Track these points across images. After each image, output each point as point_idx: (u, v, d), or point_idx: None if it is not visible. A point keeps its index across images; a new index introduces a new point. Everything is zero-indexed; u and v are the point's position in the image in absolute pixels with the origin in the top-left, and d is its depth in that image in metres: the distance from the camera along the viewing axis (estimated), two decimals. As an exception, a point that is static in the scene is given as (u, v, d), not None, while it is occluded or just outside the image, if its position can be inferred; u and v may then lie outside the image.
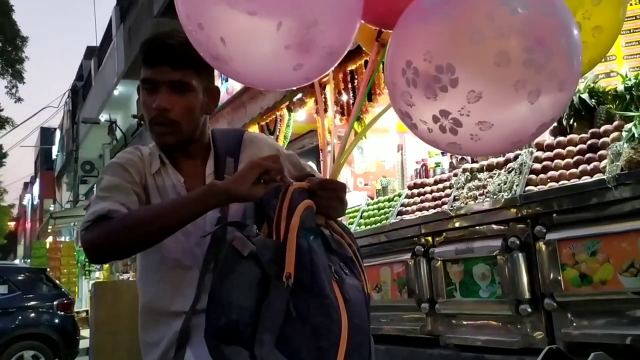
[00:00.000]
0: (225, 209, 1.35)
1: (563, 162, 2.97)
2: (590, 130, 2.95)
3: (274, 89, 1.25)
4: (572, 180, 2.82)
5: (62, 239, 19.55)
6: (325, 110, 5.00)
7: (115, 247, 1.23)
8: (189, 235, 1.35)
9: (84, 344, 8.62)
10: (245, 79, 1.30)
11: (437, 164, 4.33)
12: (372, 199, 4.74)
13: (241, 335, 1.13)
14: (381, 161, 5.52)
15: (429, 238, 3.59)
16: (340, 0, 1.18)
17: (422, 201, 3.88)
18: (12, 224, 34.23)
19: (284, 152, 1.55)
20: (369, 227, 4.15)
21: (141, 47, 1.36)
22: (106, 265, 15.12)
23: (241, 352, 1.12)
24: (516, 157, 3.19)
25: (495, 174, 3.27)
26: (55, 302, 7.86)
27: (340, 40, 1.23)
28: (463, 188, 3.50)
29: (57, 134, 29.56)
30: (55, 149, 30.40)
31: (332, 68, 1.31)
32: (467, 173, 3.53)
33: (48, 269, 10.64)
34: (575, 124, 3.11)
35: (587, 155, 2.86)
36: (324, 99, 4.99)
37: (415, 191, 4.07)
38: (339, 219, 1.35)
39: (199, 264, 1.32)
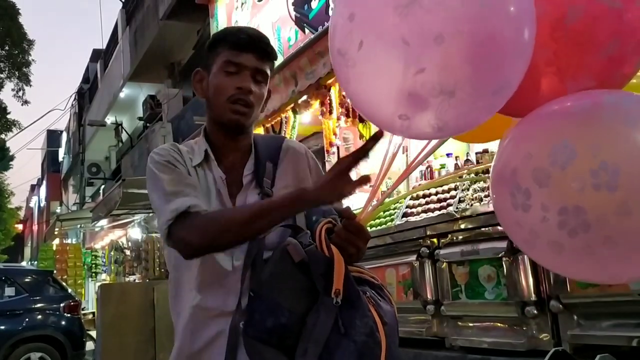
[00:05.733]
0: None
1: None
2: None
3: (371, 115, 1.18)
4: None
5: (69, 241, 19.61)
6: (330, 112, 5.01)
7: (210, 245, 1.27)
8: None
9: (90, 345, 8.67)
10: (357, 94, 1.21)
11: (442, 166, 4.33)
12: (377, 200, 4.73)
13: (285, 341, 1.15)
14: (386, 163, 5.51)
15: (434, 240, 3.58)
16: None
17: (427, 203, 3.87)
18: (19, 226, 34.36)
19: (319, 173, 1.56)
20: (374, 228, 4.15)
21: (232, 34, 1.42)
22: (112, 267, 15.18)
23: (280, 358, 1.14)
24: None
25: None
26: (62, 304, 7.90)
27: (458, 124, 1.12)
28: (468, 189, 3.50)
29: (64, 136, 29.64)
30: (61, 152, 30.49)
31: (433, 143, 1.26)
32: (472, 174, 3.52)
33: (54, 271, 10.69)
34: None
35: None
36: (329, 101, 5.01)
37: (420, 193, 4.06)
38: None
39: (233, 263, 1.32)
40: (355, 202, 1.45)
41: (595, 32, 1.14)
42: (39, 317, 7.81)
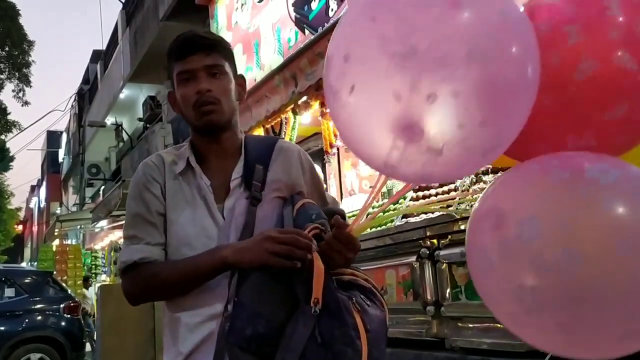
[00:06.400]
0: (253, 214, 1.35)
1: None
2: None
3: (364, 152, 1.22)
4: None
5: (69, 242, 19.62)
6: (331, 113, 5.01)
7: (148, 298, 1.41)
8: (211, 239, 1.35)
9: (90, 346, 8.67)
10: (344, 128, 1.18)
11: (442, 167, 4.32)
12: (377, 201, 4.74)
13: (263, 349, 1.14)
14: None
15: (434, 240, 3.58)
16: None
17: (427, 204, 3.87)
18: (19, 227, 34.37)
19: (313, 174, 1.53)
20: (374, 229, 4.15)
21: (171, 47, 1.45)
22: (112, 268, 15.18)
23: None
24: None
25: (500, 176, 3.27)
26: (61, 305, 7.91)
27: (443, 177, 1.14)
28: (468, 190, 3.50)
29: (64, 137, 29.68)
30: (61, 152, 30.53)
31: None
32: (472, 175, 3.52)
33: (54, 272, 10.69)
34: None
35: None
36: (329, 102, 5.01)
37: (420, 194, 4.07)
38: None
39: None
40: (353, 204, 1.44)
41: (606, 91, 1.09)
42: (39, 318, 7.82)
